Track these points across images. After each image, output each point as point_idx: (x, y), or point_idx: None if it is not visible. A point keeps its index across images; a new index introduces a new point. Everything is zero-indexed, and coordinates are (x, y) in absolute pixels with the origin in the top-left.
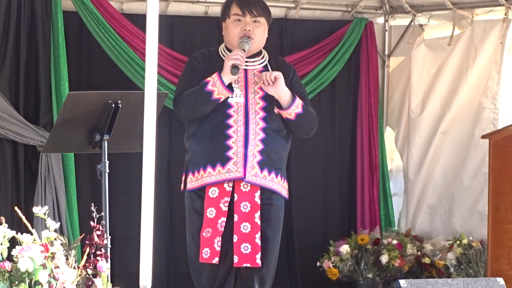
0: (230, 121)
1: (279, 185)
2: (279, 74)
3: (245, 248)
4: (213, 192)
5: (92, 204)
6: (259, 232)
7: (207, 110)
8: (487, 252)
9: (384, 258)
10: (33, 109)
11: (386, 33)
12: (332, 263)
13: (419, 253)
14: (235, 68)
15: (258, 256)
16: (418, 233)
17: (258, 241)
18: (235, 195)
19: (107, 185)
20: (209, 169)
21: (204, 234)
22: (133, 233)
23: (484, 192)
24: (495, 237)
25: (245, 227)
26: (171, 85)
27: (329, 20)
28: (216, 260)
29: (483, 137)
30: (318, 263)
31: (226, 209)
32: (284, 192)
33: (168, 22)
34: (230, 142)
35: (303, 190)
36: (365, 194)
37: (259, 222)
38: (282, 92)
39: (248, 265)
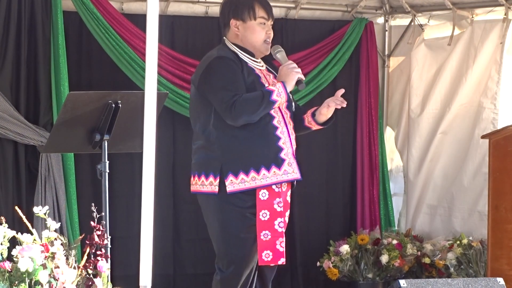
0: (275, 122)
1: None
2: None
3: (282, 245)
4: (263, 194)
5: (92, 204)
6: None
7: (260, 116)
8: (487, 252)
9: (384, 258)
10: (33, 109)
11: (386, 33)
12: (332, 263)
13: (419, 253)
14: (301, 83)
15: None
16: (418, 233)
17: (284, 239)
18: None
19: (108, 185)
20: (263, 171)
21: (262, 237)
22: (134, 233)
23: (484, 192)
24: (495, 237)
25: (280, 225)
26: (171, 85)
27: (329, 20)
28: (282, 261)
29: (483, 137)
30: (318, 263)
31: (282, 209)
32: None
33: (168, 22)
34: (281, 143)
35: (304, 190)
36: (365, 194)
37: (287, 220)
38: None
39: (280, 263)
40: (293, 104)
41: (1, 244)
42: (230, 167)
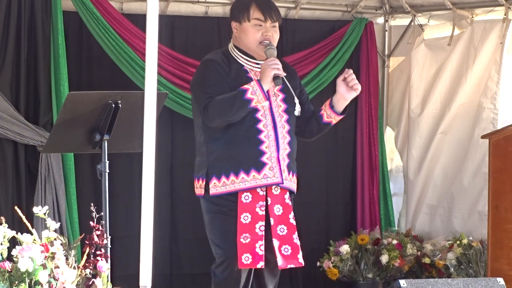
0: (260, 126)
1: (295, 184)
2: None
3: (286, 250)
4: (246, 197)
5: (92, 204)
6: (296, 232)
7: (240, 117)
8: (487, 252)
9: (384, 258)
10: (33, 109)
11: (386, 33)
12: (332, 263)
13: (419, 253)
14: (278, 79)
15: (300, 255)
16: (418, 233)
17: (296, 241)
18: (269, 199)
19: (108, 185)
20: (242, 175)
21: (242, 240)
22: (134, 233)
23: (484, 192)
24: (495, 237)
25: (282, 230)
26: (171, 85)
27: (329, 20)
28: (261, 264)
29: (483, 137)
30: (318, 263)
31: (264, 213)
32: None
33: (168, 22)
34: (263, 147)
35: (305, 190)
36: (365, 194)
37: (294, 223)
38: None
39: (293, 266)
40: (297, 107)
41: (1, 244)
42: (214, 171)
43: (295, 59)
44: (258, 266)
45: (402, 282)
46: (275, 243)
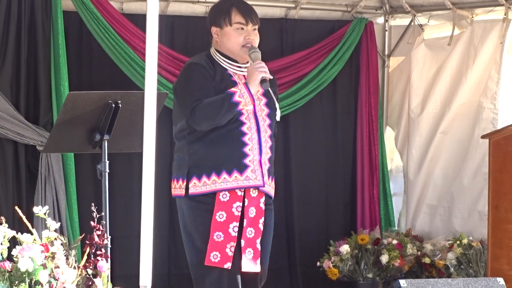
0: (244, 128)
1: (273, 189)
2: None
3: (249, 252)
4: (223, 196)
5: (92, 204)
6: (260, 238)
7: (227, 120)
8: (487, 252)
9: (384, 258)
10: (33, 109)
11: (386, 33)
12: (332, 263)
13: (419, 253)
14: (266, 82)
15: (258, 261)
16: (418, 233)
17: (258, 246)
18: (246, 200)
19: (108, 185)
20: (224, 175)
21: (215, 237)
22: (134, 233)
23: (484, 192)
24: (495, 237)
25: (250, 232)
26: (171, 85)
27: (329, 20)
28: (228, 265)
29: (483, 137)
30: (318, 263)
31: (239, 214)
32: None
33: (168, 22)
34: (246, 150)
35: (304, 190)
36: (365, 194)
37: (261, 228)
38: None
39: (250, 270)
40: (278, 112)
41: (1, 244)
42: (195, 171)
43: (295, 59)
44: (225, 266)
45: (402, 282)
46: (242, 243)
